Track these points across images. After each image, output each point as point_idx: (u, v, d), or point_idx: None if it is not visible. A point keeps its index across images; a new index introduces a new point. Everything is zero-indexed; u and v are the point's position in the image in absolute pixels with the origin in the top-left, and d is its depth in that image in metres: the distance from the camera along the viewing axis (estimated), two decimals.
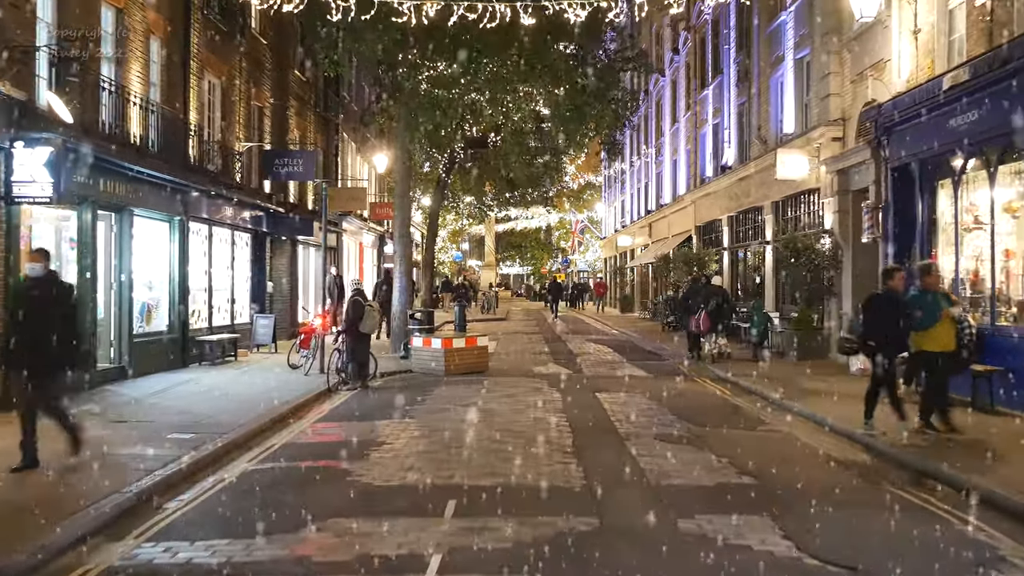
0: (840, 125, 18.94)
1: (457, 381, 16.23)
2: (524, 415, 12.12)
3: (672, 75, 38.60)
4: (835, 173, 18.67)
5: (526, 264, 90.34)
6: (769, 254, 23.67)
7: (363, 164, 36.84)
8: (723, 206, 28.23)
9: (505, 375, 17.16)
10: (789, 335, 19.46)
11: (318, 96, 28.82)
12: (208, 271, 19.25)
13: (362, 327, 15.35)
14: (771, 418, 12.18)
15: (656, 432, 10.65)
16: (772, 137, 23.61)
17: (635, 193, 48.56)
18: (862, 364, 16.04)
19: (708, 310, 19.38)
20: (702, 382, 16.36)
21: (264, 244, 23.11)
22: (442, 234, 64.59)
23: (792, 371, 16.94)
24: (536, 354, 21.89)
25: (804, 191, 21.04)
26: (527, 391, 14.79)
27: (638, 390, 14.92)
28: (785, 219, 22.98)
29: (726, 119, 28.07)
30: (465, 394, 14.43)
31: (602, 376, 17.21)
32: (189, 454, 9.08)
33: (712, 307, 19.43)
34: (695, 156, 32.94)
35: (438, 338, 17.43)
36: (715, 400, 14.05)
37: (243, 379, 15.83)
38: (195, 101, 18.20)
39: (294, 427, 11.53)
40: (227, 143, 20.26)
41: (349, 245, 34.50)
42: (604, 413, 12.27)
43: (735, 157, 27.18)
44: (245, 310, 21.90)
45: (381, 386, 15.77)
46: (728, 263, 28.28)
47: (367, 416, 12.19)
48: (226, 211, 19.86)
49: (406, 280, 21.16)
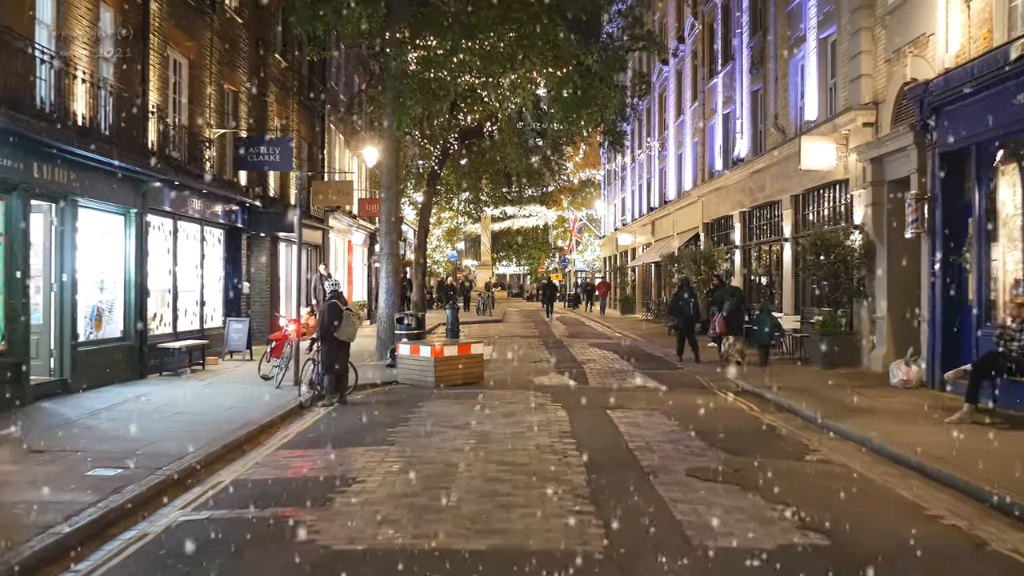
0: (872, 109, 17.11)
1: (448, 395, 14.36)
2: (525, 440, 10.25)
3: (677, 65, 36.76)
4: (868, 162, 16.83)
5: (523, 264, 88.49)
6: (788, 252, 21.84)
7: (352, 158, 34.95)
8: (735, 201, 26.39)
9: (503, 387, 15.30)
10: (815, 341, 17.61)
11: (302, 83, 26.92)
12: (173, 270, 17.35)
13: (339, 333, 13.49)
14: (816, 442, 10.33)
15: (687, 466, 8.77)
16: (791, 126, 21.78)
17: (636, 190, 46.74)
18: (904, 375, 14.24)
19: (724, 313, 18.49)
20: (724, 396, 14.51)
21: (240, 241, 21.21)
22: (437, 233, 62.80)
23: (822, 381, 15.14)
24: (536, 361, 20.02)
25: (829, 183, 19.21)
26: (528, 408, 12.92)
27: (654, 406, 13.07)
28: (806, 214, 21.16)
29: (738, 108, 26.23)
30: (456, 412, 12.56)
31: (611, 388, 15.35)
32: (108, 499, 7.21)
33: (728, 309, 18.47)
34: (703, 149, 31.10)
35: (427, 345, 15.56)
36: (744, 419, 12.19)
37: (205, 393, 13.94)
38: (156, 80, 16.30)
39: (252, 456, 9.65)
40: (196, 129, 18.36)
41: (337, 243, 32.59)
42: (620, 438, 10.40)
43: (748, 149, 25.35)
44: (217, 314, 20.01)
45: (361, 401, 13.89)
46: (740, 262, 26.44)
47: (340, 441, 10.31)
48: (194, 204, 17.97)
49: (394, 280, 19.29)
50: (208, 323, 19.37)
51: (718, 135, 28.89)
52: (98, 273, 14.53)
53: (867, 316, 17.28)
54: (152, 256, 16.20)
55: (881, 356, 16.39)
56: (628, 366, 18.93)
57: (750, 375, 16.27)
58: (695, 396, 14.33)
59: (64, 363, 13.19)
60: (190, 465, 8.71)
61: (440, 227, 62.89)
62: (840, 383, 14.81)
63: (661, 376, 16.95)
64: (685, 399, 13.85)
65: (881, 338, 16.62)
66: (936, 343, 13.97)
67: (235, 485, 8.20)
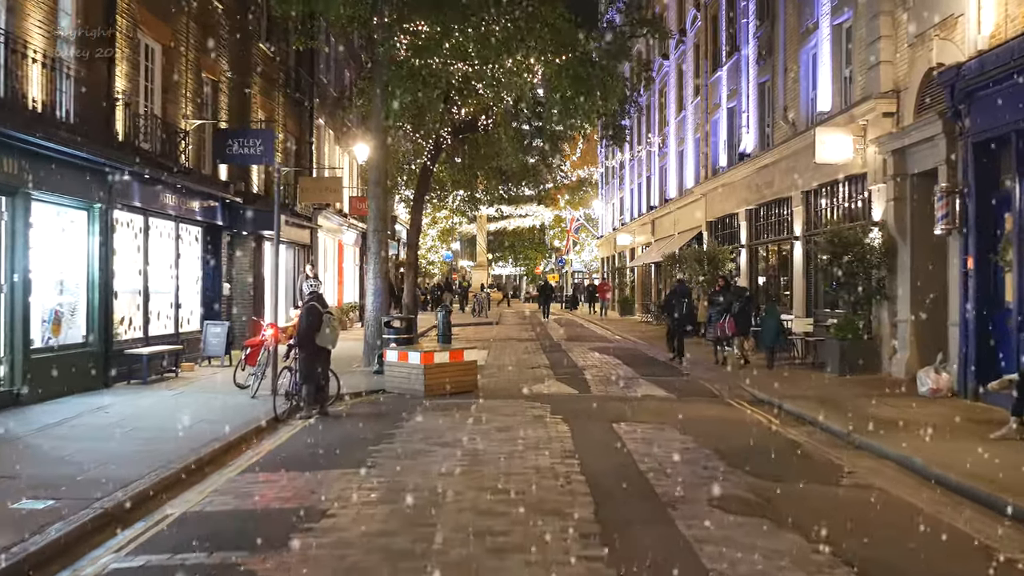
0: (893, 98, 16.00)
1: (438, 405, 13.20)
2: (523, 461, 9.10)
3: (678, 59, 35.67)
4: (889, 154, 15.71)
5: (519, 265, 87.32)
6: (798, 251, 20.73)
7: (343, 155, 33.77)
8: (740, 198, 25.27)
9: (497, 396, 14.15)
10: (833, 346, 16.48)
11: (288, 75, 25.74)
12: (144, 270, 16.17)
13: (319, 339, 12.32)
14: (848, 462, 9.20)
15: (709, 494, 7.62)
16: (802, 118, 20.67)
17: (636, 188, 45.61)
18: (934, 384, 13.12)
19: (734, 313, 18.09)
20: (739, 406, 13.37)
21: (220, 240, 20.02)
22: (432, 233, 61.61)
23: (842, 390, 14.03)
24: (534, 367, 18.86)
25: (844, 178, 18.09)
26: (525, 421, 11.76)
27: (664, 419, 11.92)
28: (818, 211, 20.04)
29: (744, 101, 25.12)
30: (447, 426, 11.40)
31: (615, 397, 14.21)
32: (25, 543, 6.05)
33: (737, 310, 18.08)
34: (706, 145, 29.98)
35: (416, 351, 14.39)
36: (764, 434, 11.04)
37: (172, 404, 12.77)
38: (124, 66, 15.12)
39: (212, 480, 8.48)
40: (170, 120, 17.18)
41: (327, 243, 31.40)
42: (629, 458, 9.25)
43: (755, 143, 24.24)
44: (195, 317, 18.83)
45: (344, 412, 12.72)
46: (746, 261, 25.32)
47: (314, 462, 9.15)
48: (168, 199, 16.79)
49: (382, 281, 18.13)
50: (184, 327, 18.19)
51: (722, 130, 27.78)
52: (57, 273, 13.33)
53: (887, 319, 16.17)
54: (120, 255, 15.03)
55: (904, 362, 15.28)
56: (632, 372, 17.79)
57: (763, 382, 15.15)
58: (707, 407, 13.19)
59: (16, 372, 11.99)
60: (139, 493, 7.54)
61: (435, 227, 61.79)
62: (862, 392, 13.70)
63: (668, 383, 15.81)
64: (697, 410, 12.71)
65: (903, 343, 15.50)
66: (969, 349, 12.85)
67: (185, 520, 7.04)
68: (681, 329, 19.50)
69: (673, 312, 19.40)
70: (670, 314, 19.68)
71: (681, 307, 19.25)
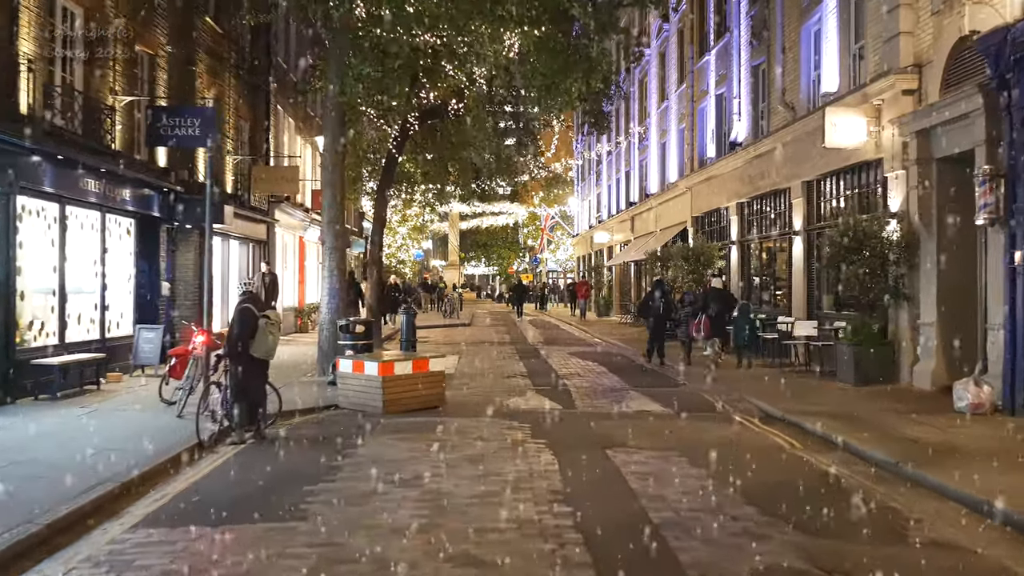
0: (914, 73, 14.21)
1: (398, 426, 11.18)
2: (499, 510, 7.10)
3: (660, 47, 33.87)
4: (912, 135, 13.91)
5: (492, 264, 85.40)
6: (798, 247, 18.94)
7: (305, 146, 31.59)
8: (731, 191, 23.47)
9: (469, 413, 12.14)
10: (845, 352, 14.66)
11: (241, 55, 23.57)
12: (59, 266, 13.99)
13: (254, 349, 10.26)
14: (906, 504, 7.32)
15: (753, 566, 5.68)
16: (803, 102, 18.87)
17: (614, 184, 43.81)
18: (974, 398, 11.31)
19: (710, 315, 17.54)
20: (750, 425, 11.48)
21: (158, 233, 17.83)
22: (402, 231, 59.40)
23: (864, 403, 12.21)
24: (510, 376, 16.87)
25: (853, 165, 16.30)
26: (502, 447, 9.78)
27: (667, 442, 10.00)
28: (822, 203, 18.25)
29: (735, 86, 23.31)
30: (405, 455, 9.38)
31: (605, 414, 12.25)
32: None
33: (714, 311, 17.57)
34: (692, 135, 28.16)
35: (374, 361, 12.32)
36: (792, 463, 9.14)
37: (76, 426, 10.64)
38: (32, 28, 12.94)
39: (82, 544, 6.39)
40: (95, 95, 15.01)
41: (286, 240, 29.22)
42: (635, 502, 7.29)
43: (748, 131, 22.44)
44: (127, 320, 16.65)
45: (285, 435, 10.65)
46: (737, 258, 23.53)
47: (232, 511, 7.10)
48: (91, 186, 14.62)
49: (339, 279, 16.06)
50: (113, 331, 16.01)
51: (710, 118, 25.97)
52: None
53: (907, 322, 14.38)
54: (27, 248, 12.86)
55: (928, 371, 13.50)
56: (619, 382, 15.86)
57: (770, 394, 13.31)
58: (713, 426, 11.28)
59: None
60: None
61: (406, 224, 59.60)
62: (887, 406, 11.89)
63: (663, 396, 13.90)
64: (703, 431, 10.79)
65: (927, 349, 13.72)
66: (1018, 357, 11.05)
67: None
68: (660, 330, 18.91)
69: (651, 314, 18.92)
70: (647, 316, 19.27)
71: (659, 308, 18.68)
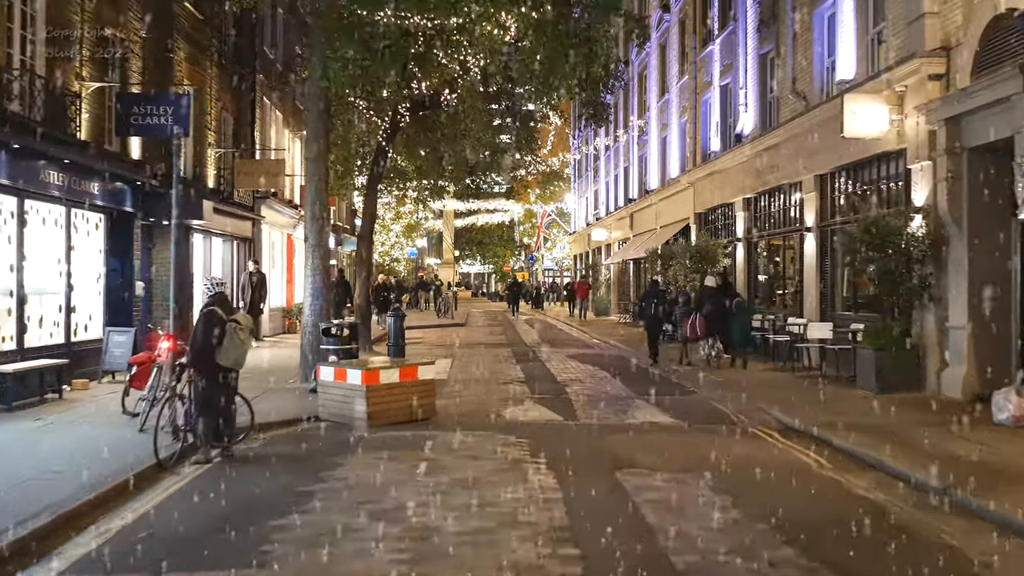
0: (942, 57, 13.19)
1: (383, 441, 10.10)
2: (495, 551, 6.04)
3: (660, 38, 32.84)
4: (940, 123, 12.86)
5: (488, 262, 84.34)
6: (810, 243, 17.91)
7: (294, 140, 30.49)
8: (737, 186, 22.44)
9: (462, 426, 11.06)
10: (867, 357, 13.63)
11: (224, 44, 22.47)
12: (17, 265, 12.89)
13: (221, 357, 9.19)
14: (968, 542, 6.29)
15: None
16: (815, 91, 17.85)
17: (612, 181, 42.77)
18: (1016, 409, 10.30)
19: (704, 314, 17.40)
20: (769, 439, 10.45)
21: (132, 230, 16.72)
22: (396, 229, 58.32)
23: (892, 414, 11.15)
24: (506, 382, 15.79)
25: (872, 157, 15.26)
26: (498, 468, 8.72)
27: (682, 462, 8.95)
28: (837, 197, 17.22)
29: (741, 77, 22.28)
30: (389, 479, 8.31)
31: (611, 427, 11.20)
32: None
33: (708, 311, 17.37)
34: (695, 128, 27.13)
35: (357, 369, 11.23)
36: (826, 489, 8.08)
37: (24, 443, 9.56)
38: None
39: None
40: (59, 80, 13.91)
41: (273, 238, 28.11)
42: (652, 543, 6.23)
43: (755, 123, 21.41)
44: (96, 323, 15.55)
45: (257, 453, 9.59)
46: (743, 256, 22.49)
47: (180, 555, 6.04)
48: (54, 178, 13.52)
49: (322, 278, 14.97)
50: (80, 335, 14.93)
51: (714, 111, 24.93)
52: None
53: (934, 324, 13.36)
54: None
55: (959, 378, 12.48)
56: (623, 388, 14.81)
57: (786, 402, 12.29)
58: (730, 440, 10.24)
59: None
60: None
61: (400, 222, 58.54)
62: (918, 417, 10.88)
63: (671, 405, 12.86)
64: (719, 447, 9.73)
65: (957, 354, 12.69)
66: None
67: None
68: (657, 331, 18.81)
69: (647, 314, 18.86)
70: (644, 316, 19.11)
71: (655, 308, 18.60)
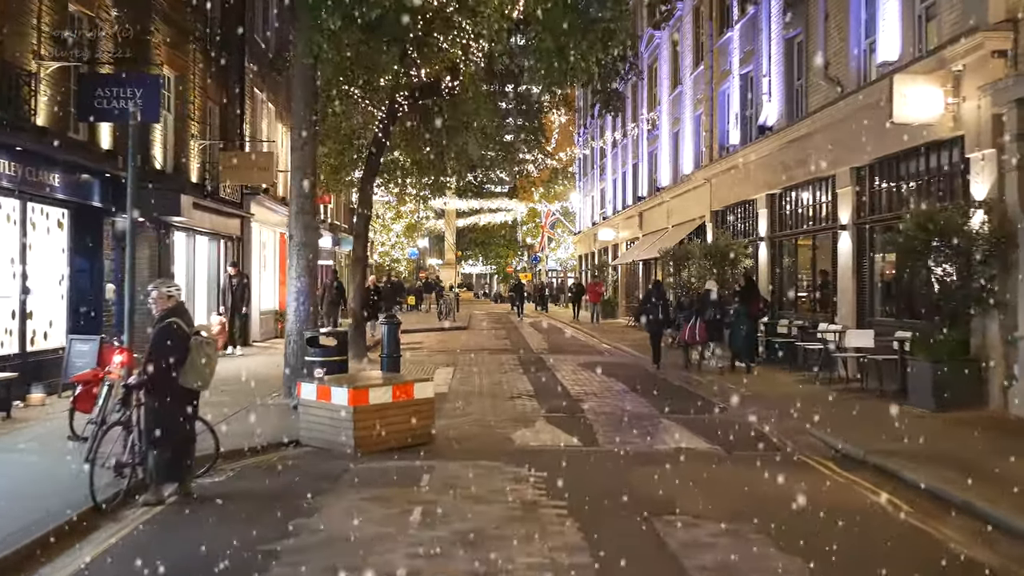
0: (1008, 30, 11.64)
1: (372, 475, 8.53)
2: None
3: (673, 28, 31.25)
4: (1011, 105, 11.30)
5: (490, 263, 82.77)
6: (845, 243, 16.36)
7: (287, 134, 28.86)
8: (759, 181, 20.87)
9: (463, 454, 9.50)
10: (923, 371, 12.06)
11: (210, 28, 20.95)
12: None
13: (184, 378, 7.63)
14: None
15: None
16: (852, 75, 16.29)
17: (619, 178, 41.21)
18: None
19: (705, 319, 17.11)
20: (824, 470, 8.90)
21: (101, 227, 15.21)
22: (396, 228, 56.78)
23: (958, 437, 9.67)
24: (514, 397, 14.21)
25: (920, 146, 13.70)
26: (507, 516, 7.14)
27: (732, 504, 7.38)
28: (877, 191, 15.66)
29: (765, 63, 20.73)
30: (375, 530, 6.74)
31: (639, 455, 9.61)
32: None
33: (710, 316, 17.15)
34: (711, 121, 25.57)
35: (342, 387, 9.65)
36: (911, 542, 6.52)
37: None
38: None
39: None
40: (10, 58, 12.38)
41: (265, 237, 26.55)
42: None
43: (780, 113, 19.85)
44: (57, 330, 14.00)
45: (219, 490, 8.02)
46: (767, 257, 20.92)
47: None
48: (4, 168, 11.99)
49: (308, 280, 13.40)
50: (39, 343, 13.39)
51: (733, 101, 23.38)
52: None
53: (998, 334, 11.78)
54: None
55: None
56: (645, 404, 13.23)
57: (834, 422, 10.75)
58: (781, 472, 8.64)
59: None
60: None
61: (400, 222, 57.01)
62: (995, 444, 9.35)
63: (702, 425, 11.30)
64: (771, 482, 8.17)
65: None
66: None
67: None
68: (659, 333, 18.48)
69: (649, 316, 18.58)
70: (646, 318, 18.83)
71: (657, 311, 18.27)
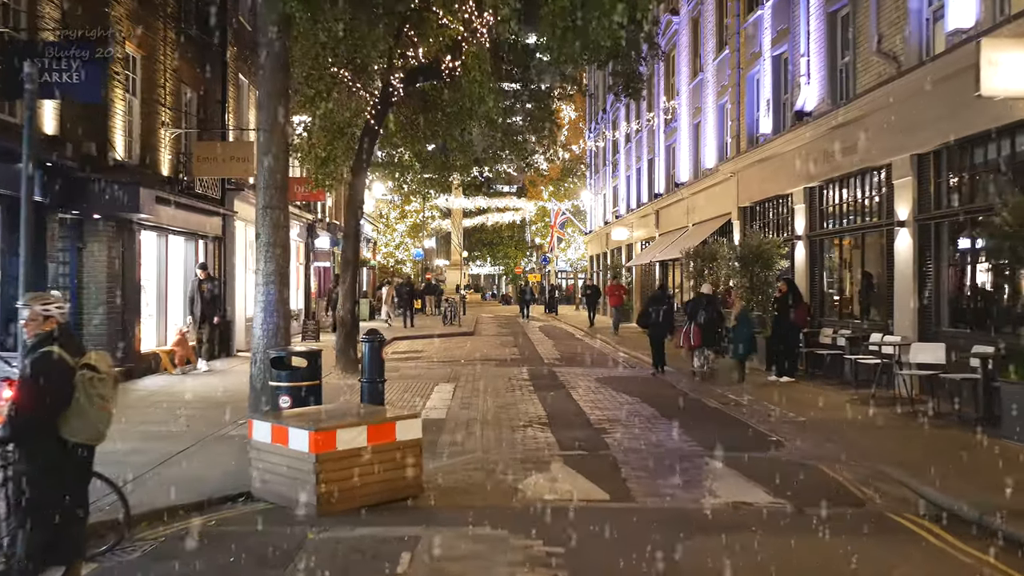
0: None
1: (335, 551, 6.36)
2: None
3: (692, 11, 29.13)
4: None
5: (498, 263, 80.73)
6: (904, 242, 14.19)
7: None
8: (796, 173, 18.64)
9: (459, 517, 7.30)
10: (1017, 393, 9.89)
11: (186, 5, 18.88)
12: None
13: (68, 429, 5.47)
14: None
15: None
16: (912, 48, 14.09)
17: (634, 175, 39.05)
18: None
19: (700, 323, 16.78)
20: (933, 539, 6.73)
21: (44, 225, 13.14)
22: (400, 228, 54.76)
23: None
24: (524, 425, 11.96)
25: (1003, 127, 11.53)
26: None
27: None
28: (943, 182, 13.47)
29: (802, 42, 18.54)
30: None
31: (687, 518, 7.40)
32: None
33: (704, 320, 16.79)
34: (738, 110, 23.37)
35: (302, 428, 7.47)
36: None
37: None
38: None
39: None
40: None
41: (250, 237, 24.23)
42: None
43: (821, 96, 17.66)
44: None
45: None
46: (805, 257, 18.72)
47: None
48: None
49: (277, 288, 11.27)
50: None
51: (765, 86, 21.18)
52: None
53: None
54: None
55: None
56: (682, 436, 11.01)
57: (918, 462, 8.62)
58: (872, 544, 6.48)
59: None
60: None
61: (405, 221, 55.00)
62: None
63: (757, 466, 9.13)
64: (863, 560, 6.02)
65: None
66: None
67: None
68: (661, 338, 18.18)
69: (652, 320, 18.27)
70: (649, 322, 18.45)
71: (659, 315, 18.01)
